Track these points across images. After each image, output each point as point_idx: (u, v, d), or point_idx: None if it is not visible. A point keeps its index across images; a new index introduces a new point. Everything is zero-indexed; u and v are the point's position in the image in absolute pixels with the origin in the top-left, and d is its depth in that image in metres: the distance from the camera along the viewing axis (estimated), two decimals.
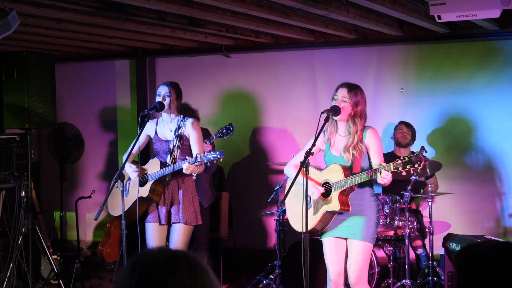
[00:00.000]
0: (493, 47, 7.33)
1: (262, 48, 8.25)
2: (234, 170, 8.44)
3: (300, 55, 8.14)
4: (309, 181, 4.93)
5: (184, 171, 5.34)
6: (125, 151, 8.79)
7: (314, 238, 6.31)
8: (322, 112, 4.99)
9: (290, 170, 5.19)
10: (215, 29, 7.12)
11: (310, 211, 4.97)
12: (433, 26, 6.84)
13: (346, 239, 4.99)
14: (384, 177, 4.59)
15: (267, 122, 8.35)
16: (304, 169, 4.72)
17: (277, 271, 6.77)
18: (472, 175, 7.41)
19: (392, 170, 4.56)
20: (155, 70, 8.87)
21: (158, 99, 5.72)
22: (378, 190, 6.94)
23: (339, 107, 4.97)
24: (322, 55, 8.03)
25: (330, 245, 5.04)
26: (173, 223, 5.65)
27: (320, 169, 5.09)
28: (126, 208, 5.57)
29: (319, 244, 5.29)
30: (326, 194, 4.93)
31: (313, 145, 4.89)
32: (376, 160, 4.86)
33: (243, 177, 8.42)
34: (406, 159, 4.52)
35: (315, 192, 4.94)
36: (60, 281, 6.49)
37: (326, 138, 5.08)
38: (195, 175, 5.50)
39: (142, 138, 5.81)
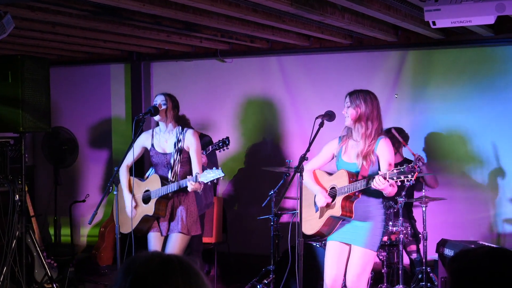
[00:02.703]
0: (487, 53, 7.35)
1: (257, 53, 8.26)
2: (229, 175, 8.43)
3: (295, 60, 8.15)
4: (319, 189, 5.09)
5: (189, 189, 5.43)
6: (119, 155, 8.85)
7: (307, 243, 6.34)
8: (317, 117, 5.05)
9: (307, 176, 5.17)
10: (210, 33, 7.12)
11: (317, 214, 5.08)
12: (428, 32, 6.86)
13: (349, 244, 5.03)
14: (377, 184, 4.63)
15: (261, 127, 8.34)
16: (299, 174, 4.77)
17: (271, 276, 6.76)
18: (465, 181, 7.41)
19: (388, 178, 4.59)
20: (150, 74, 8.87)
21: None
22: None
23: (333, 112, 5.06)
24: (317, 60, 8.03)
25: (332, 248, 5.09)
26: (170, 233, 5.69)
27: (330, 174, 5.16)
28: (134, 227, 5.63)
29: (313, 250, 5.32)
30: (332, 199, 5.01)
31: (307, 150, 4.93)
32: (384, 170, 4.85)
33: (237, 182, 8.42)
34: (401, 169, 4.54)
35: (322, 200, 5.03)
36: (54, 285, 6.48)
37: (340, 144, 5.14)
38: (200, 190, 5.56)
39: (138, 150, 5.82)
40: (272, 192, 6.77)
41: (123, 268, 1.93)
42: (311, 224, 5.13)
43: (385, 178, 4.59)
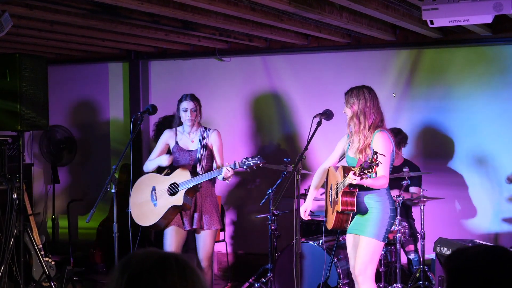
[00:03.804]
0: (485, 52, 7.35)
1: (256, 52, 8.26)
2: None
3: (294, 59, 8.14)
4: (305, 202, 5.48)
5: (223, 175, 5.64)
6: (117, 153, 8.85)
7: (304, 243, 6.38)
8: (315, 116, 5.13)
9: (314, 176, 5.57)
10: (209, 32, 7.12)
11: (331, 210, 5.33)
12: (426, 31, 6.86)
13: (358, 235, 5.21)
14: (350, 180, 4.76)
15: (259, 126, 8.35)
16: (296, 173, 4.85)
17: (269, 274, 6.76)
18: (463, 180, 7.42)
19: (358, 174, 4.67)
20: (148, 73, 8.86)
21: (185, 114, 5.93)
22: None
23: (331, 111, 5.21)
24: (315, 59, 8.03)
25: (348, 241, 5.35)
26: (200, 229, 5.91)
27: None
28: (158, 218, 5.82)
29: (310, 248, 5.43)
30: (337, 195, 5.18)
31: (305, 149, 5.04)
32: None
33: (235, 180, 8.42)
34: (362, 166, 4.62)
35: (301, 213, 5.44)
36: (52, 284, 6.47)
37: (348, 140, 5.29)
38: (228, 180, 5.80)
39: (162, 147, 6.08)
40: (270, 191, 6.78)
41: (120, 266, 1.93)
42: (329, 220, 5.39)
43: (354, 174, 4.69)
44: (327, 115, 5.29)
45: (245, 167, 5.61)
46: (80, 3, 5.63)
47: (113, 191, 5.41)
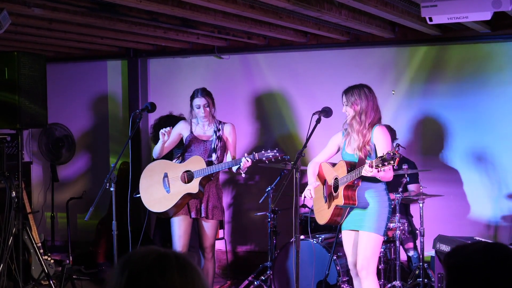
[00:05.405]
0: (484, 49, 7.35)
1: (254, 50, 8.25)
2: (226, 171, 8.42)
3: (293, 57, 8.14)
4: (312, 182, 5.42)
5: (242, 165, 5.71)
6: (116, 151, 8.84)
7: (304, 241, 6.39)
8: (314, 114, 5.18)
9: (309, 168, 5.57)
10: (207, 30, 7.12)
11: (326, 205, 5.35)
12: (425, 28, 6.86)
13: (357, 231, 5.25)
14: (366, 172, 4.83)
15: (258, 123, 8.34)
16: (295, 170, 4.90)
17: (268, 272, 6.77)
18: (462, 177, 7.42)
19: (374, 166, 4.74)
20: (147, 70, 8.86)
21: (199, 111, 6.02)
22: None
23: (330, 108, 5.27)
24: (314, 57, 8.02)
25: (346, 237, 5.37)
26: (206, 218, 6.01)
27: (334, 165, 5.40)
28: (172, 204, 5.87)
29: (309, 246, 5.45)
30: (336, 189, 5.23)
31: (305, 146, 5.11)
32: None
33: (234, 178, 8.41)
34: (383, 157, 4.66)
35: (307, 193, 5.36)
36: (51, 282, 6.47)
37: (344, 137, 5.34)
38: (244, 172, 5.89)
39: (174, 137, 6.13)
40: (269, 188, 6.78)
41: (119, 265, 1.93)
42: (322, 215, 5.41)
43: (371, 166, 4.77)
44: (326, 112, 5.31)
45: (264, 158, 5.68)
46: (79, 1, 5.63)
47: (112, 189, 5.40)
